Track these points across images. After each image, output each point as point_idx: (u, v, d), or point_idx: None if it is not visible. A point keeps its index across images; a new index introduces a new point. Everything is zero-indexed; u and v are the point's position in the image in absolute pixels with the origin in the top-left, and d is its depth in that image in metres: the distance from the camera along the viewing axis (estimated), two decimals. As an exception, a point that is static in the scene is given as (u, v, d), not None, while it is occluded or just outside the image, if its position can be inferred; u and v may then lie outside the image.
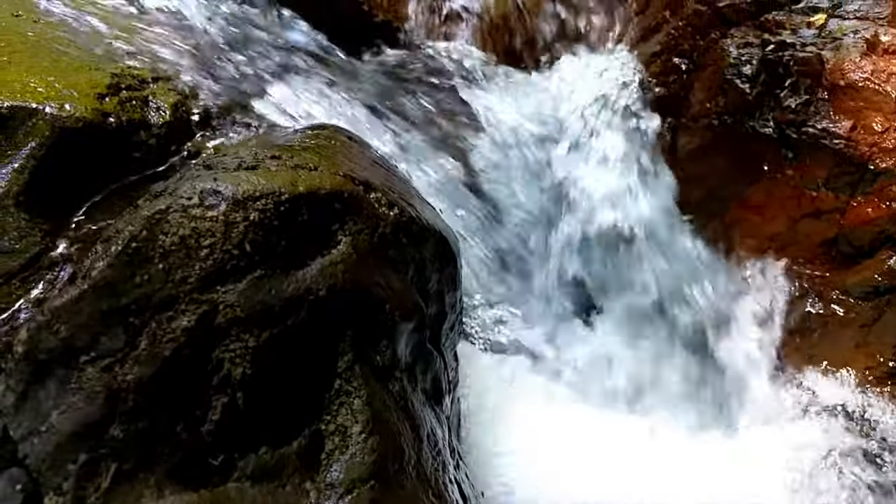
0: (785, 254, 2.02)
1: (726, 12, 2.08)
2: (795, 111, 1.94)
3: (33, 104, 1.76)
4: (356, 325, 1.22)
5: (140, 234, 1.06)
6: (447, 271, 1.50)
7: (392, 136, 2.19)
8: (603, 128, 2.29)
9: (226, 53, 2.29)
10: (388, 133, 2.18)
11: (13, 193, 1.70)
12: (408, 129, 2.26)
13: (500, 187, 2.20)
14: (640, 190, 2.15)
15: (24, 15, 2.12)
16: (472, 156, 2.29)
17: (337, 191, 1.26)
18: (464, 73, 2.49)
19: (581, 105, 2.35)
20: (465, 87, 2.47)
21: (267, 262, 1.13)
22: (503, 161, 2.23)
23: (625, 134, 2.23)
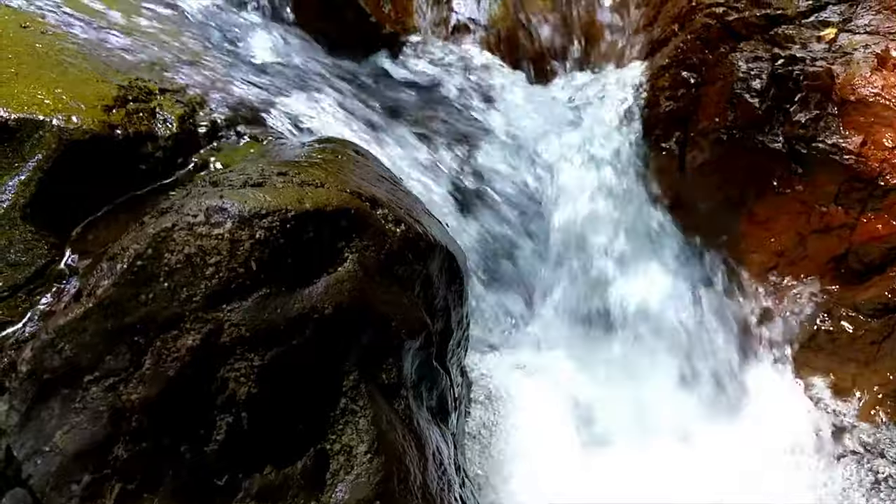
0: (794, 269, 2.00)
1: (735, 26, 2.07)
2: (805, 126, 1.93)
3: (40, 116, 1.77)
4: (362, 344, 1.21)
5: (145, 252, 1.05)
6: (454, 287, 1.49)
7: (398, 148, 2.18)
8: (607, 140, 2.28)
9: (233, 65, 2.29)
10: (394, 145, 2.17)
11: (20, 206, 1.70)
12: (415, 140, 2.26)
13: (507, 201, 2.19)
14: (640, 201, 2.13)
15: (31, 26, 2.13)
16: (478, 168, 2.28)
17: (343, 208, 1.25)
18: (470, 84, 2.48)
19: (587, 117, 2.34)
20: (472, 98, 2.46)
21: (273, 281, 1.12)
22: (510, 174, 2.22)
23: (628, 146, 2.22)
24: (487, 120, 2.39)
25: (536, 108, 2.41)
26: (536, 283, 2.19)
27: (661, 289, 1.99)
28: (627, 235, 2.02)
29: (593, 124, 2.28)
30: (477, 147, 2.29)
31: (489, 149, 2.24)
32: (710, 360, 2.01)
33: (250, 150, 2.12)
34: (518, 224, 2.08)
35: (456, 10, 2.59)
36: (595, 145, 2.25)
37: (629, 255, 2.12)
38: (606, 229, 2.02)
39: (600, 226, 2.07)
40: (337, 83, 2.36)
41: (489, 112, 2.40)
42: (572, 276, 2.07)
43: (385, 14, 2.51)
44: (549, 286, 2.13)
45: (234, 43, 2.38)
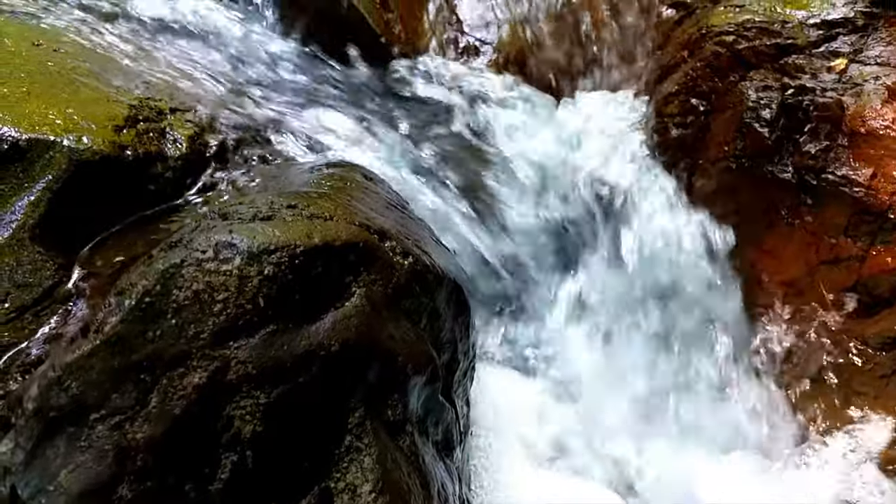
0: (802, 300, 1.99)
1: (745, 54, 2.07)
2: (815, 157, 1.92)
3: (51, 137, 1.77)
4: (368, 380, 1.20)
5: (154, 288, 1.05)
6: (461, 319, 1.48)
7: (408, 170, 2.18)
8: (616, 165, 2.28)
9: (243, 84, 2.30)
10: (404, 166, 2.17)
11: (29, 226, 1.70)
12: (424, 161, 2.26)
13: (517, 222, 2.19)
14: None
15: (44, 44, 2.14)
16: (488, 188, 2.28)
17: (352, 242, 1.25)
18: (478, 106, 2.48)
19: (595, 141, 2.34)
20: (481, 119, 2.47)
21: (280, 317, 1.12)
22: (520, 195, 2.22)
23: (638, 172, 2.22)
24: (496, 142, 2.39)
25: (544, 129, 2.41)
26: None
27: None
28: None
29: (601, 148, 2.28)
30: (486, 168, 2.29)
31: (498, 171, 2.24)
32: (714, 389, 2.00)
33: (259, 172, 2.12)
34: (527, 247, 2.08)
35: (466, 32, 2.60)
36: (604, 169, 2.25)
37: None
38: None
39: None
40: (346, 103, 2.37)
41: (497, 133, 2.41)
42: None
43: (395, 34, 2.52)
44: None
45: (244, 62, 2.40)
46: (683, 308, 2.01)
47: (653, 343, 2.00)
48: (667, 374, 1.97)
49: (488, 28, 2.61)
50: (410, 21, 2.56)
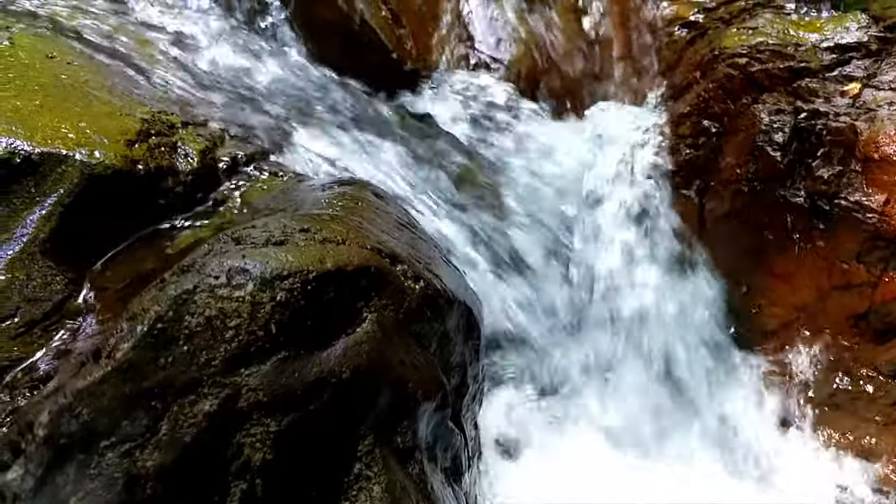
0: (813, 325, 1.98)
1: (758, 77, 2.06)
2: (828, 182, 1.91)
3: (64, 150, 1.77)
4: (378, 407, 1.20)
5: (166, 314, 1.05)
6: (471, 343, 1.48)
7: (417, 187, 2.18)
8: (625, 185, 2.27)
9: (255, 100, 2.31)
10: (414, 184, 2.17)
11: (40, 240, 1.71)
12: (433, 179, 2.26)
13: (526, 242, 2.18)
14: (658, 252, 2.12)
15: (57, 56, 2.15)
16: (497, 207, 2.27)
17: (364, 266, 1.24)
18: (489, 122, 2.48)
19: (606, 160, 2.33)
20: (491, 136, 2.46)
21: (292, 344, 1.12)
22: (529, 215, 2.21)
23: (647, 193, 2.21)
24: (506, 159, 2.39)
25: (556, 148, 2.41)
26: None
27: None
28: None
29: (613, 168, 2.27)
30: (495, 186, 2.29)
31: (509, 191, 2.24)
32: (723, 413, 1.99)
33: (270, 187, 2.12)
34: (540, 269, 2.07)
35: (477, 48, 2.60)
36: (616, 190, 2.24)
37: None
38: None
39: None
40: (357, 119, 2.37)
41: (509, 151, 2.40)
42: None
43: (407, 50, 2.53)
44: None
45: (256, 76, 2.40)
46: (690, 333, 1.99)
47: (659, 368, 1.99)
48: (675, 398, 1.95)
49: (500, 44, 2.61)
50: (422, 37, 2.56)
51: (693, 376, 1.98)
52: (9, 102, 1.85)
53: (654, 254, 2.07)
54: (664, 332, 1.93)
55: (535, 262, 2.18)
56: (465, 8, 2.63)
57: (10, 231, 1.71)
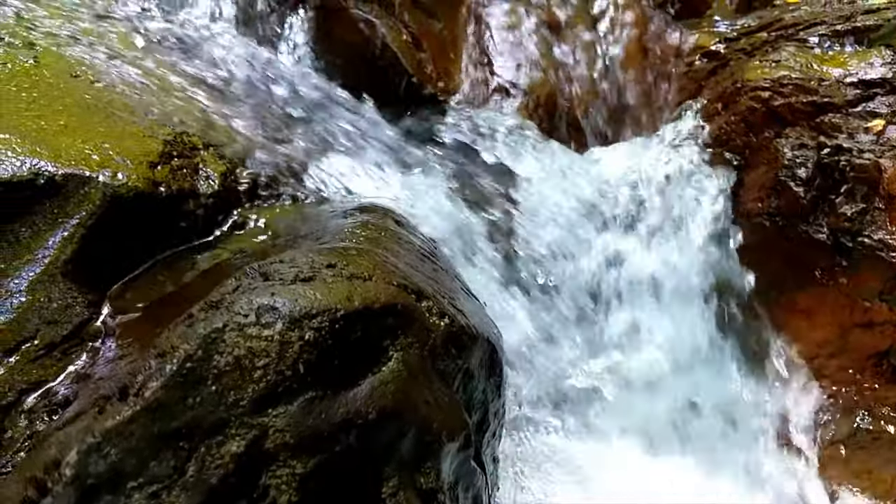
0: (834, 362, 1.96)
1: (781, 111, 2.05)
2: (851, 219, 1.90)
3: (87, 172, 1.78)
4: (403, 448, 1.19)
5: (196, 353, 1.05)
6: (493, 379, 1.47)
7: (436, 213, 2.17)
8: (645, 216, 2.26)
9: (276, 122, 2.31)
10: (432, 210, 2.17)
11: (61, 262, 1.71)
12: (452, 205, 2.25)
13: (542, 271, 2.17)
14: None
15: (81, 75, 2.16)
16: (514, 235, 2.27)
17: (390, 304, 1.24)
18: (508, 149, 2.48)
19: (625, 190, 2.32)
20: (509, 162, 2.46)
21: (319, 384, 1.11)
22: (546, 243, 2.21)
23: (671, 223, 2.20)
24: (523, 187, 2.38)
25: (572, 177, 2.40)
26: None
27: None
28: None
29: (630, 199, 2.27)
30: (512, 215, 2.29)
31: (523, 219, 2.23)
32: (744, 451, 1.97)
33: (290, 211, 2.12)
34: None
35: (497, 74, 2.61)
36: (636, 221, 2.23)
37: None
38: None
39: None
40: (377, 142, 2.38)
41: (525, 179, 2.40)
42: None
43: (427, 74, 2.53)
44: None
45: (278, 98, 2.41)
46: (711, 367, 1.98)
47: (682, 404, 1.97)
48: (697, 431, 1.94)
49: (519, 70, 2.61)
50: (442, 61, 2.57)
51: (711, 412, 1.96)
52: (33, 122, 1.86)
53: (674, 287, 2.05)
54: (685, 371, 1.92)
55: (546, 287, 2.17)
56: (484, 33, 2.64)
57: (32, 252, 1.71)
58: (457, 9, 2.64)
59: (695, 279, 1.96)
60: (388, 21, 2.50)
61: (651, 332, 1.94)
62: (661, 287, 1.98)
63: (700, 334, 1.99)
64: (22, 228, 1.71)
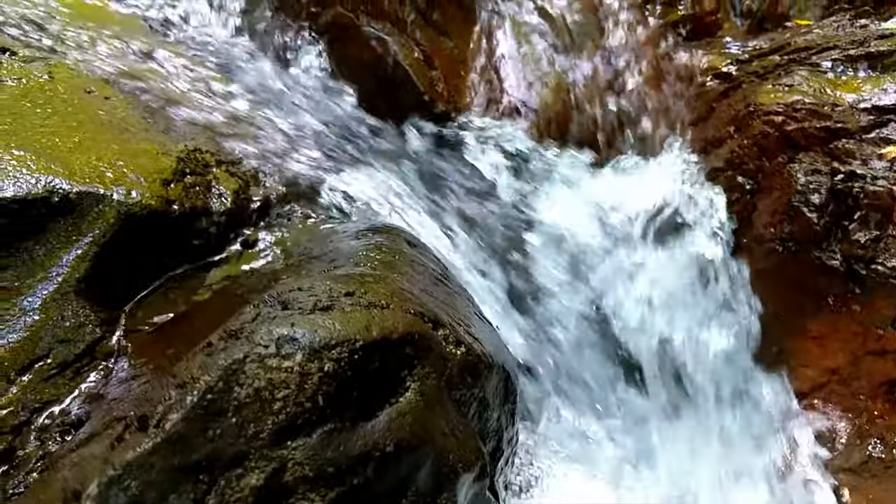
0: (846, 389, 1.95)
1: (794, 136, 2.05)
2: (864, 246, 1.90)
3: (101, 190, 1.78)
4: (419, 479, 1.18)
5: (216, 385, 1.04)
6: (507, 406, 1.46)
7: (447, 233, 2.17)
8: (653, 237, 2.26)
9: (287, 137, 2.32)
10: (443, 230, 2.17)
11: (74, 280, 1.71)
12: (463, 224, 2.25)
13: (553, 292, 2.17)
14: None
15: (96, 91, 2.16)
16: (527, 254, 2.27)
17: (408, 334, 1.24)
18: (519, 168, 2.49)
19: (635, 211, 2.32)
20: (519, 181, 2.46)
21: (337, 415, 1.11)
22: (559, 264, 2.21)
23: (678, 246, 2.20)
24: (533, 206, 2.38)
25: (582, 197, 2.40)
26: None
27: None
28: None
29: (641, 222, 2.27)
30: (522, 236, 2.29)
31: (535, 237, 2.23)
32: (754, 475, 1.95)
33: (302, 230, 2.12)
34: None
35: (507, 92, 2.61)
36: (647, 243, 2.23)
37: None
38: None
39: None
40: (388, 161, 2.38)
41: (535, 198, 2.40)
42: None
43: (438, 93, 2.54)
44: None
45: (290, 115, 2.41)
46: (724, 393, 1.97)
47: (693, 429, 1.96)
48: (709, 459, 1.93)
49: (530, 89, 2.62)
50: (453, 79, 2.58)
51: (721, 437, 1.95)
52: (48, 139, 1.86)
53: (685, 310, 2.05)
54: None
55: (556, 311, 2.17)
56: (496, 51, 2.65)
57: (46, 270, 1.71)
58: (468, 27, 2.65)
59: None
60: (400, 39, 2.51)
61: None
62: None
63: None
64: (36, 246, 1.71)
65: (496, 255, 2.13)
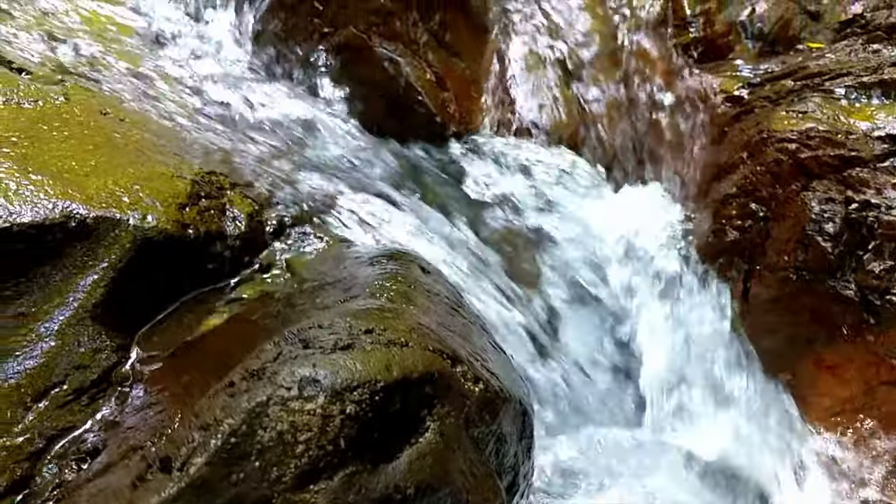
0: (860, 419, 1.95)
1: (808, 164, 2.06)
2: (879, 277, 1.90)
3: (117, 215, 1.78)
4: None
5: (240, 428, 1.05)
6: (524, 442, 1.47)
7: (460, 257, 2.18)
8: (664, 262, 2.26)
9: (299, 159, 2.33)
10: (458, 253, 2.17)
11: (90, 305, 1.71)
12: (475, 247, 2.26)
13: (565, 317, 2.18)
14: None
15: (111, 113, 2.17)
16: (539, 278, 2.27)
17: (428, 373, 1.24)
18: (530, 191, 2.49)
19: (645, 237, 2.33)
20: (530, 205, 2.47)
21: (359, 458, 1.11)
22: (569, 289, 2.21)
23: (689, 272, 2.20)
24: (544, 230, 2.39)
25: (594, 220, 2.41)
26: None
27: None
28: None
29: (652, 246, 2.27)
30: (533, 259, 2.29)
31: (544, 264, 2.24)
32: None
33: (316, 254, 2.12)
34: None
35: (519, 113, 2.62)
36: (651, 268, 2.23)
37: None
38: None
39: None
40: (400, 182, 2.39)
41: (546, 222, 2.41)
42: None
43: (450, 114, 2.55)
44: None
45: (300, 135, 2.42)
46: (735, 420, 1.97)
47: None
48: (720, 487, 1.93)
49: (542, 110, 2.63)
50: (464, 101, 2.59)
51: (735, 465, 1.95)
52: (64, 163, 1.87)
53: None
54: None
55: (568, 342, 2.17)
56: (507, 72, 2.66)
57: (62, 296, 1.72)
58: (480, 48, 2.66)
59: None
60: (413, 60, 2.52)
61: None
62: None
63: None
64: (53, 271, 1.72)
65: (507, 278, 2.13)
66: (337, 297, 1.66)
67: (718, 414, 2.01)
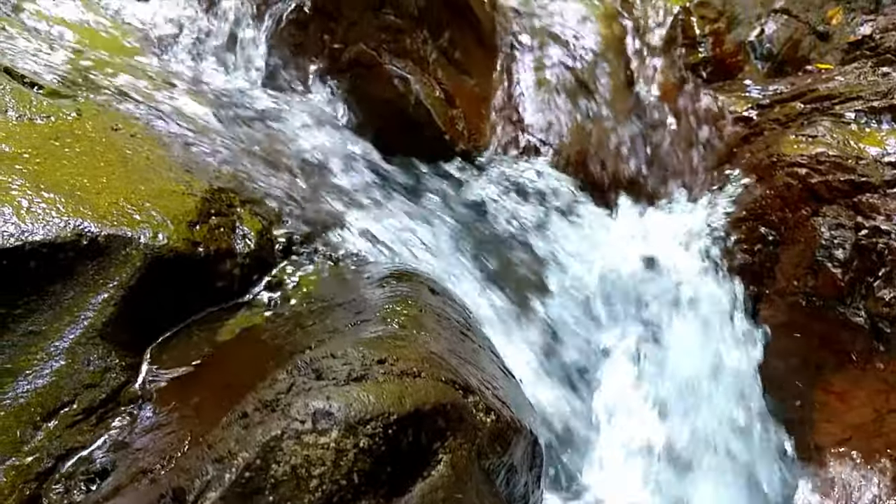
0: (868, 446, 1.94)
1: (818, 189, 2.06)
2: (889, 304, 1.89)
3: (129, 233, 1.78)
4: (450, 555, 1.18)
5: (254, 462, 1.05)
6: (534, 471, 1.46)
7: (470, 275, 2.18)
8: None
9: (309, 176, 2.33)
10: (466, 271, 2.17)
11: (100, 324, 1.71)
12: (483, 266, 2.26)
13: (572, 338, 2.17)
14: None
15: (122, 128, 2.18)
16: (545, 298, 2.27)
17: (440, 404, 1.24)
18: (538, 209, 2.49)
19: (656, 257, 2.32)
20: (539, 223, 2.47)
21: (371, 492, 1.11)
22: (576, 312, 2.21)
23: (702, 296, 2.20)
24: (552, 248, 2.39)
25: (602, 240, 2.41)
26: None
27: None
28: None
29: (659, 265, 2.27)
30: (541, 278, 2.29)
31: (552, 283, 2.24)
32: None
33: (325, 273, 2.12)
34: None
35: (527, 131, 2.62)
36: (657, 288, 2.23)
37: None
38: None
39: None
40: (408, 200, 2.39)
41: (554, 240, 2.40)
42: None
43: (459, 132, 2.55)
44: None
45: (310, 152, 2.43)
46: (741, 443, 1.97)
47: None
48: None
49: (550, 128, 2.63)
50: (473, 118, 2.59)
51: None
52: (76, 180, 1.87)
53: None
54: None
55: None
56: (516, 90, 2.66)
57: (73, 314, 1.72)
58: (489, 66, 2.66)
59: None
60: (422, 77, 2.52)
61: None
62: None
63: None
64: (64, 289, 1.72)
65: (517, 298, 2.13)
66: (347, 319, 1.66)
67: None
